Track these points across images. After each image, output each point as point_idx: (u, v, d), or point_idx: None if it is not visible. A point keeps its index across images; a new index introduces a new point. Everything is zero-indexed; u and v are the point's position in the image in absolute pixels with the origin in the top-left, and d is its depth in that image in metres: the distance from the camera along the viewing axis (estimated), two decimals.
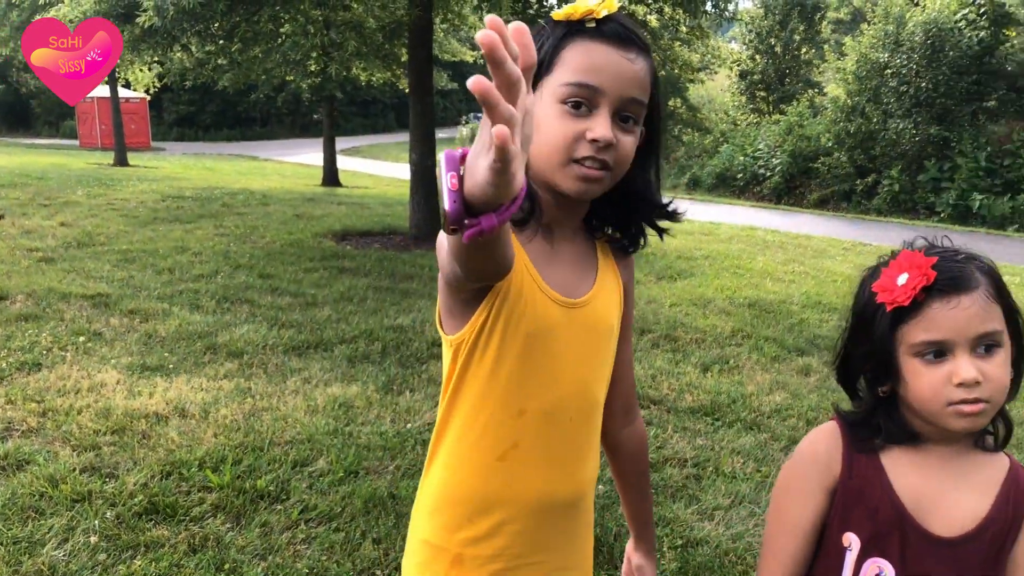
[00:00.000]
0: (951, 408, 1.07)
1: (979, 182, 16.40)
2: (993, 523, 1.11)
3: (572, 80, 1.10)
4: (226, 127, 38.18)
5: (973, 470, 1.14)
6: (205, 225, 9.61)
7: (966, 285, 1.07)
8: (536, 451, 1.22)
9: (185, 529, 2.86)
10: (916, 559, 1.11)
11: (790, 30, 26.64)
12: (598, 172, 1.12)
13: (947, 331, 1.06)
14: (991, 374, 1.06)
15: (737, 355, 5.33)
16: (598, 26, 1.11)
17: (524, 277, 1.16)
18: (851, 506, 1.15)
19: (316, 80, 14.65)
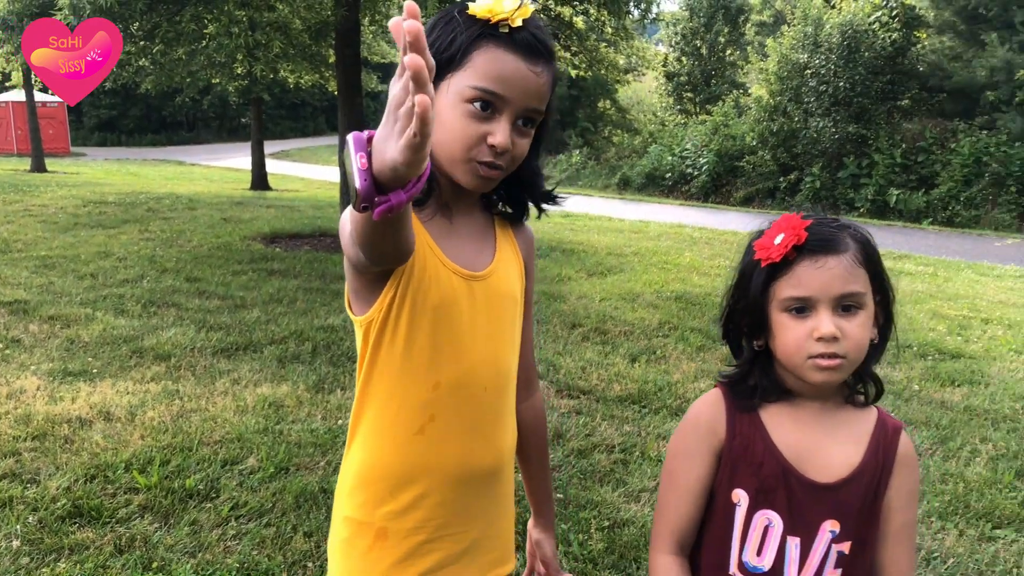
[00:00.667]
0: (811, 361, 1.15)
1: (895, 178, 17.03)
2: (866, 469, 1.21)
3: (480, 85, 1.14)
4: (150, 132, 37.18)
5: (845, 423, 1.23)
6: (129, 230, 9.40)
7: (834, 248, 1.15)
8: (453, 422, 1.27)
9: (111, 531, 2.84)
10: (801, 507, 1.20)
11: (715, 32, 27.21)
12: (495, 172, 1.19)
13: (812, 288, 1.15)
14: (849, 332, 1.14)
15: (664, 346, 5.46)
16: (511, 33, 1.15)
17: (427, 253, 1.21)
18: (737, 464, 1.23)
19: (243, 82, 14.43)
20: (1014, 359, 5.54)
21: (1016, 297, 7.95)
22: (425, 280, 1.21)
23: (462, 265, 1.25)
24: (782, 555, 1.20)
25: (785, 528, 1.20)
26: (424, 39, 0.78)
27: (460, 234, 1.28)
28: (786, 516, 1.20)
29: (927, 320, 6.61)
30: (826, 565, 1.20)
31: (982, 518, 3.21)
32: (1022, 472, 3.66)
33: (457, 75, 1.16)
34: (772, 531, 1.21)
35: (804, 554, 1.20)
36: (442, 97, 1.17)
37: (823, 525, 1.19)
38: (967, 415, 4.37)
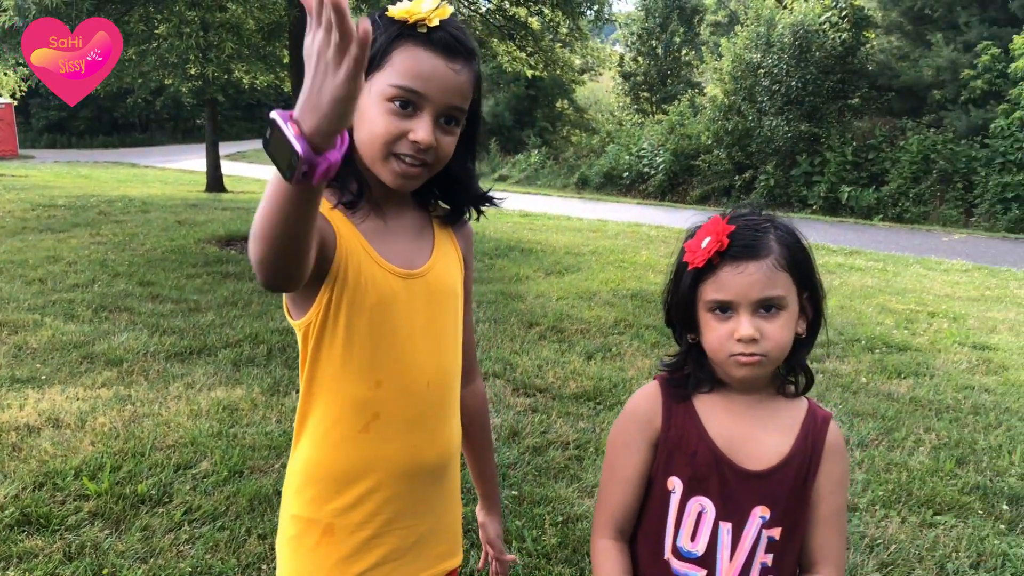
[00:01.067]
0: (732, 358, 1.21)
1: (847, 175, 17.37)
2: (795, 457, 1.26)
3: (400, 83, 1.18)
4: (102, 133, 36.49)
5: (776, 413, 1.29)
6: (80, 234, 9.23)
7: (755, 254, 1.20)
8: (398, 419, 1.29)
9: (60, 538, 2.80)
10: (732, 493, 1.24)
11: (670, 32, 27.49)
12: (417, 169, 1.22)
13: (732, 292, 1.20)
14: (769, 333, 1.20)
15: (619, 343, 5.53)
16: (429, 33, 1.19)
17: (361, 255, 1.24)
18: (672, 453, 1.28)
19: (196, 83, 14.24)
20: (958, 351, 5.71)
21: (961, 291, 8.17)
22: (361, 282, 1.23)
23: (399, 264, 1.28)
24: (715, 540, 1.25)
25: (717, 514, 1.25)
26: None
27: (395, 233, 1.30)
28: (718, 502, 1.25)
29: (876, 314, 6.76)
30: (757, 550, 1.24)
31: (923, 505, 3.31)
32: (963, 460, 3.77)
33: (378, 75, 1.19)
34: (705, 517, 1.25)
35: (736, 539, 1.24)
36: (364, 98, 1.20)
37: (754, 511, 1.24)
38: (912, 406, 4.49)
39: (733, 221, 1.24)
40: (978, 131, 15.72)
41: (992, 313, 7.07)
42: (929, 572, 2.85)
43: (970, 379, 5.04)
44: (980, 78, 15.69)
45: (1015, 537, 3.10)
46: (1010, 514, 3.28)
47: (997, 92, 15.60)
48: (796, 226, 1.29)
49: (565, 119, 29.14)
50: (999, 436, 4.08)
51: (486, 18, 9.98)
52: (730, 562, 1.24)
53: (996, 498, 3.40)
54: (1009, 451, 3.87)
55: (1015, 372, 5.22)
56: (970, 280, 8.89)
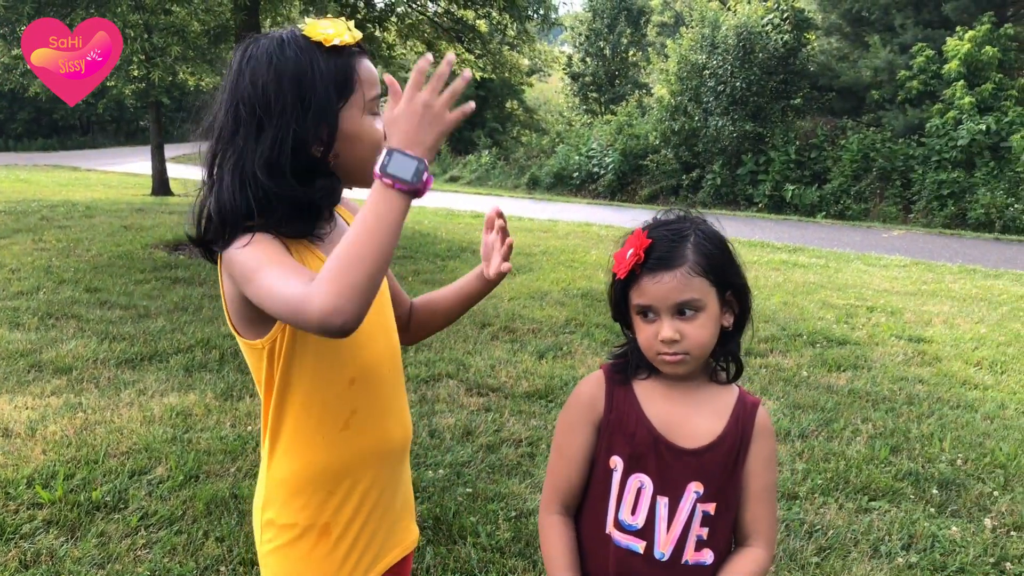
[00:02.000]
0: (659, 357, 1.34)
1: (790, 174, 17.79)
2: (727, 437, 1.37)
3: (375, 94, 1.33)
4: (41, 136, 35.57)
5: (709, 398, 1.40)
6: (22, 240, 9.05)
7: (669, 264, 1.32)
8: (372, 409, 1.40)
9: (15, 547, 2.80)
10: (668, 470, 1.36)
11: (618, 33, 27.82)
12: None
13: (652, 299, 1.32)
14: (688, 333, 1.32)
15: (570, 342, 5.64)
16: (359, 47, 1.34)
17: (310, 264, 1.31)
18: (614, 433, 1.38)
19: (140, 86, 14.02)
20: (894, 344, 5.93)
21: (899, 285, 8.47)
22: None
23: None
24: (653, 513, 1.36)
25: (655, 489, 1.36)
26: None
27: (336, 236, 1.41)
28: (656, 478, 1.36)
29: (817, 310, 6.98)
30: (692, 522, 1.35)
31: (860, 492, 3.47)
32: (897, 448, 3.95)
33: (352, 98, 1.29)
34: (644, 492, 1.36)
35: (672, 512, 1.35)
36: (348, 123, 1.29)
37: (689, 486, 1.35)
38: (850, 398, 4.68)
39: (653, 233, 1.35)
40: (915, 130, 16.24)
41: (928, 307, 7.35)
42: (864, 555, 3.00)
43: (905, 371, 5.25)
44: (916, 79, 16.21)
45: (944, 520, 3.27)
46: (940, 498, 3.45)
47: (932, 92, 16.13)
48: (721, 229, 1.39)
49: (515, 120, 29.31)
50: (931, 425, 4.27)
51: (434, 20, 10.03)
52: (667, 533, 1.35)
53: (927, 483, 3.57)
54: (940, 439, 4.07)
55: (948, 363, 5.46)
56: (908, 275, 9.21)
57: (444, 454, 3.70)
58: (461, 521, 3.08)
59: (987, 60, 15.35)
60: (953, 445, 4.00)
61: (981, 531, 3.18)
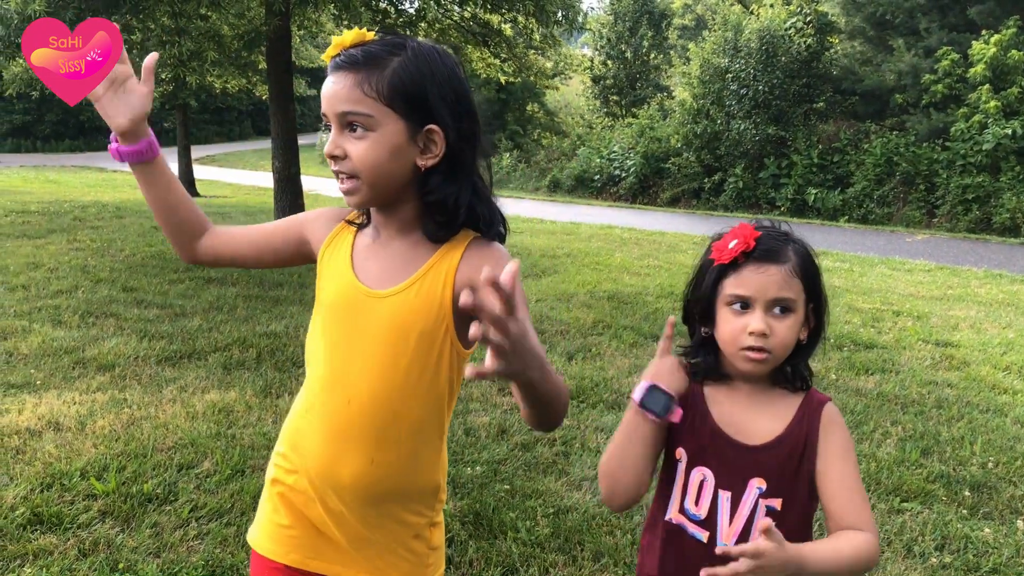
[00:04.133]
0: (742, 352, 1.38)
1: (813, 177, 17.76)
2: (788, 438, 1.42)
3: (322, 112, 1.35)
4: (68, 137, 36.03)
5: (772, 402, 1.45)
6: (57, 240, 9.23)
7: (776, 258, 1.38)
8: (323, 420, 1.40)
9: (73, 535, 2.91)
10: (729, 464, 1.42)
11: (639, 36, 27.83)
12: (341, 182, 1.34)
13: (752, 289, 1.37)
14: (778, 331, 1.37)
15: (599, 344, 5.70)
16: (332, 62, 1.33)
17: (338, 260, 1.43)
18: (681, 425, 1.45)
19: (168, 88, 14.23)
20: (922, 348, 5.96)
21: (925, 290, 8.47)
22: (327, 280, 1.44)
23: (366, 281, 1.38)
24: (715, 505, 1.42)
25: (717, 482, 1.42)
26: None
27: (382, 255, 1.40)
28: (717, 472, 1.42)
29: (843, 314, 7.01)
30: (756, 516, 1.40)
31: (891, 493, 3.52)
32: (927, 451, 3.99)
33: None
34: (707, 484, 1.42)
35: (735, 505, 1.41)
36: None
37: (751, 482, 1.40)
38: (879, 401, 4.72)
39: (760, 228, 1.41)
40: (939, 134, 16.16)
41: (954, 311, 7.35)
42: (898, 555, 3.04)
43: (933, 375, 5.28)
44: (940, 82, 16.13)
45: (976, 521, 3.32)
46: (972, 500, 3.49)
47: (957, 96, 16.04)
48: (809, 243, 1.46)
49: (536, 122, 29.36)
50: (961, 428, 4.31)
51: (460, 25, 10.13)
52: (729, 526, 1.41)
53: (959, 486, 3.62)
54: (971, 442, 4.10)
55: (976, 368, 5.48)
56: (933, 280, 9.20)
57: (480, 451, 3.77)
58: (500, 516, 3.16)
59: (1013, 64, 15.26)
60: (984, 448, 4.03)
61: (1014, 532, 3.23)
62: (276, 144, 9.13)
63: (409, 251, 1.38)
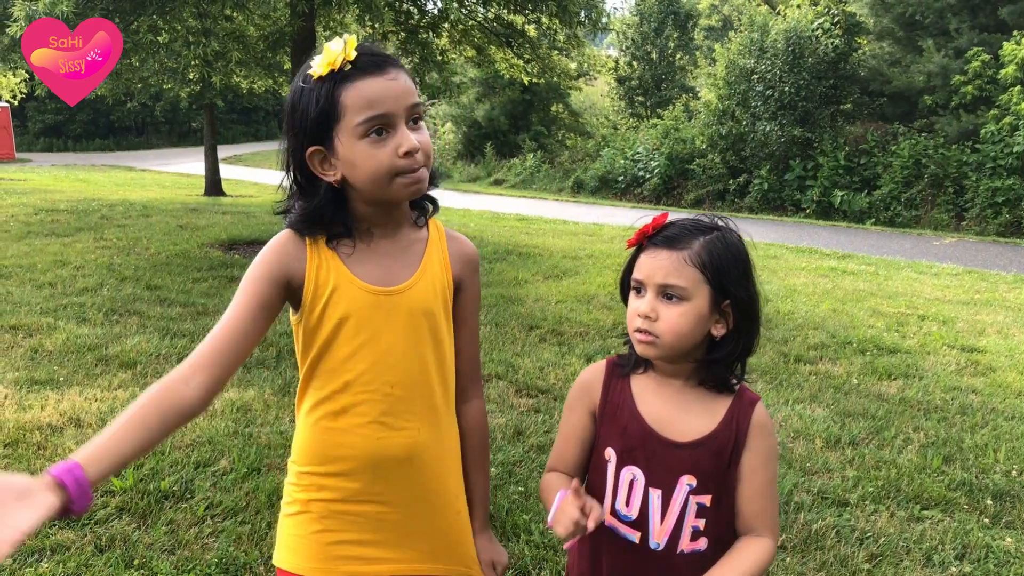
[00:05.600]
0: (635, 334, 1.39)
1: (839, 179, 17.56)
2: (719, 435, 1.41)
3: (364, 117, 1.33)
4: (98, 137, 36.57)
5: (702, 398, 1.44)
6: (84, 238, 9.35)
7: (670, 245, 1.37)
8: (363, 415, 1.46)
9: (91, 531, 2.94)
10: (659, 462, 1.41)
11: (665, 37, 27.71)
12: (418, 173, 1.38)
13: (642, 273, 1.39)
14: (665, 317, 1.36)
15: (618, 346, 5.64)
16: (354, 66, 1.33)
17: (333, 276, 1.42)
18: (608, 425, 1.45)
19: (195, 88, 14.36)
20: (946, 353, 5.87)
21: (951, 294, 8.35)
22: (330, 301, 1.42)
23: (374, 282, 1.44)
24: (646, 505, 1.41)
25: (647, 481, 1.41)
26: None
27: (381, 255, 1.46)
28: (647, 471, 1.41)
29: (867, 317, 6.93)
30: (687, 514, 1.40)
31: (912, 500, 3.47)
32: (950, 458, 3.93)
33: (340, 124, 1.35)
34: (636, 484, 1.42)
35: (665, 504, 1.40)
36: (341, 149, 1.36)
37: (681, 479, 1.40)
38: (901, 406, 4.65)
39: (675, 219, 1.42)
40: (969, 136, 15.93)
41: (981, 316, 7.24)
42: (916, 563, 3.00)
43: (958, 380, 5.20)
44: (970, 84, 15.90)
45: (998, 531, 3.26)
46: (994, 509, 3.43)
47: (987, 98, 15.81)
48: (746, 244, 1.43)
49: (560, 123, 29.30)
50: (985, 435, 4.24)
51: (484, 26, 10.13)
52: (661, 524, 1.41)
53: (981, 494, 3.56)
54: (994, 449, 4.03)
55: (1002, 374, 5.39)
56: (960, 284, 9.07)
57: (495, 453, 3.77)
58: (514, 519, 3.15)
59: None
60: (1008, 456, 3.96)
61: None
62: None
63: (401, 245, 1.48)
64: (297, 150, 1.39)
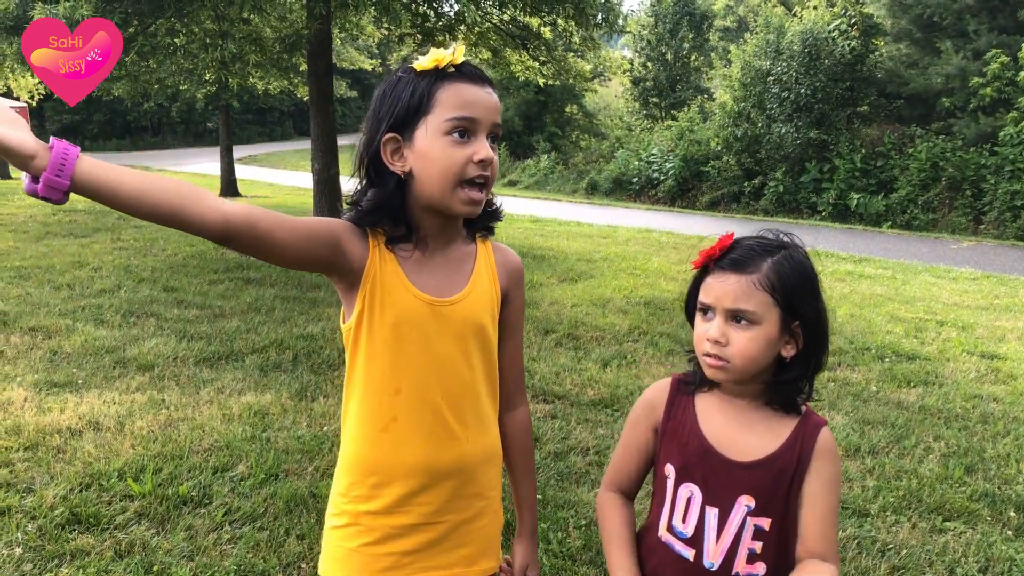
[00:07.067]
0: (704, 358, 1.38)
1: (855, 182, 17.46)
2: (780, 458, 1.38)
3: (455, 115, 1.36)
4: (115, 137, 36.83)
5: (766, 420, 1.42)
6: (101, 239, 9.40)
7: (741, 268, 1.35)
8: (413, 424, 1.47)
9: (110, 536, 2.95)
10: (717, 481, 1.39)
11: (680, 38, 27.63)
12: (481, 193, 1.40)
13: (711, 297, 1.36)
14: (736, 341, 1.34)
15: (634, 351, 5.66)
16: (458, 70, 1.38)
17: (391, 281, 1.43)
18: (669, 441, 1.44)
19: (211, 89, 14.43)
20: (966, 360, 5.82)
21: (970, 299, 8.27)
22: (387, 301, 1.42)
23: (429, 292, 1.45)
24: (702, 523, 1.40)
25: (704, 499, 1.40)
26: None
27: (435, 266, 1.47)
28: (704, 489, 1.40)
29: (885, 323, 6.87)
30: (743, 535, 1.38)
31: (933, 511, 3.43)
32: (971, 468, 3.89)
33: (429, 117, 1.37)
34: (693, 501, 1.41)
35: (722, 523, 1.39)
36: (421, 141, 1.37)
37: (739, 499, 1.38)
38: (921, 414, 4.61)
39: (741, 239, 1.39)
40: (987, 139, 15.80)
41: (1001, 322, 7.17)
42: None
43: (979, 388, 5.15)
44: (989, 86, 15.77)
45: (1022, 544, 3.22)
46: (1018, 521, 3.39)
47: (1007, 100, 15.68)
48: (812, 264, 1.40)
49: (574, 124, 29.28)
50: (1007, 445, 4.19)
51: (499, 28, 10.12)
52: (716, 543, 1.39)
53: (1004, 505, 3.51)
54: (1017, 459, 3.99)
55: (1023, 382, 5.33)
56: (979, 289, 8.99)
57: None
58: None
59: None
60: None
61: None
62: (316, 146, 9.21)
63: (454, 257, 1.50)
64: (374, 138, 1.40)
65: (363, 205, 1.42)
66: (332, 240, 1.38)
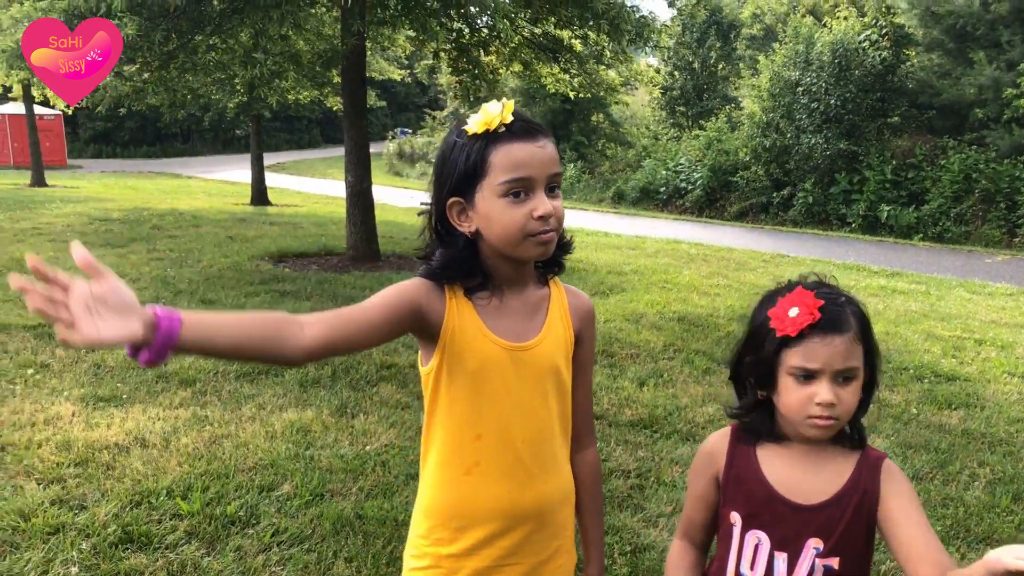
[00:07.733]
0: (809, 420, 1.37)
1: (886, 194, 17.31)
2: (848, 495, 1.39)
3: (508, 178, 1.39)
4: (145, 143, 37.33)
5: (829, 460, 1.43)
6: (138, 249, 9.54)
7: (840, 328, 1.36)
8: (495, 467, 1.51)
9: (162, 556, 2.99)
10: (785, 526, 1.41)
11: (707, 47, 27.55)
12: (549, 235, 1.44)
13: (819, 362, 1.36)
14: (844, 399, 1.37)
15: (670, 369, 5.64)
16: (508, 129, 1.40)
17: (470, 328, 1.47)
18: (733, 489, 1.47)
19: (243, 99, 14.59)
20: (1007, 381, 5.75)
21: (1007, 316, 8.17)
22: (467, 350, 1.46)
23: (507, 338, 1.49)
24: (771, 569, 1.41)
25: (772, 545, 1.42)
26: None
27: (511, 312, 1.52)
28: (772, 535, 1.42)
29: (922, 342, 6.81)
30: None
31: (982, 541, 3.40)
32: (1019, 496, 3.84)
33: (485, 181, 1.42)
34: (761, 548, 1.43)
35: (791, 567, 1.40)
36: (481, 204, 1.43)
37: (807, 543, 1.39)
38: (964, 439, 4.56)
39: (819, 295, 1.38)
40: (1022, 150, 15.61)
41: None
42: None
43: (1021, 412, 5.09)
44: (1023, 97, 15.58)
45: None
46: None
47: None
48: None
49: (601, 133, 29.25)
50: None
51: (531, 42, 10.16)
52: None
53: None
54: None
55: None
56: (1016, 305, 8.88)
57: None
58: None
59: None
60: None
61: None
62: (349, 159, 9.27)
63: (529, 302, 1.55)
64: (440, 200, 1.46)
65: (435, 262, 1.47)
66: (412, 309, 1.44)
